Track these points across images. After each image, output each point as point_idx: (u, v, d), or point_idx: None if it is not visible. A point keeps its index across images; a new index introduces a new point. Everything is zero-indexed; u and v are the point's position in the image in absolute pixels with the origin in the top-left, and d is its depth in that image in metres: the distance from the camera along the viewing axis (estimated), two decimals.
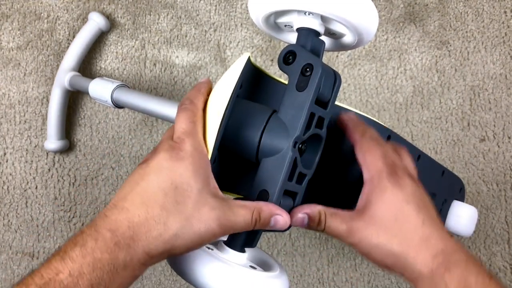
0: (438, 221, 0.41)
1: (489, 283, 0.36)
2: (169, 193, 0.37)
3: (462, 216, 0.71)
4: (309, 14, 0.44)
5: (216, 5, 0.91)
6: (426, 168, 0.64)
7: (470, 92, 0.90)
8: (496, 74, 0.90)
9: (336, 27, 0.46)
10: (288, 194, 0.44)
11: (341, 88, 0.90)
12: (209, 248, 0.45)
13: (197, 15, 0.91)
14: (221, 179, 0.49)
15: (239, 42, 0.91)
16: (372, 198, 0.41)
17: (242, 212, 0.39)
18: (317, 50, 0.45)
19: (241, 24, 0.91)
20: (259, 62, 0.90)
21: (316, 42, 0.45)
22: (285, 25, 0.48)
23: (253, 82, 0.49)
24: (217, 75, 0.90)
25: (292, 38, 0.51)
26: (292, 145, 0.43)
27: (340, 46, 0.50)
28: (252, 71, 0.48)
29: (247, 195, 0.44)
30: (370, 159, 0.43)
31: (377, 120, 0.54)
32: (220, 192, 0.41)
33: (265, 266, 0.49)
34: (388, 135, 0.55)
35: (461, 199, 0.76)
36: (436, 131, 0.90)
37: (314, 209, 0.43)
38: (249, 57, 0.46)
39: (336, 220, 0.41)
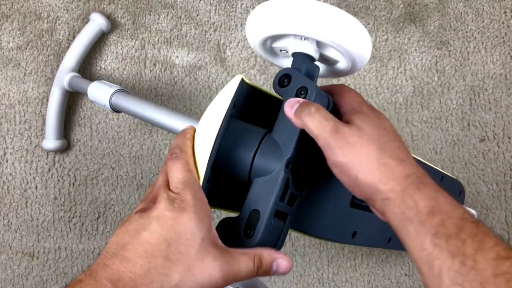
0: (410, 154, 0.42)
1: (458, 205, 0.36)
2: (173, 244, 0.36)
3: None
4: (305, 39, 0.45)
5: (216, 5, 0.91)
6: None
7: (470, 92, 0.90)
8: (496, 74, 0.90)
9: (331, 53, 0.47)
10: (279, 215, 0.44)
11: None
12: None
13: (197, 15, 0.91)
14: (214, 195, 0.50)
15: (239, 42, 0.91)
16: (356, 116, 0.41)
17: (244, 261, 0.39)
18: (311, 74, 0.46)
19: (241, 24, 0.91)
20: (259, 62, 0.90)
21: (311, 66, 0.46)
22: (281, 50, 0.49)
23: (248, 101, 0.49)
24: (217, 75, 0.90)
25: (287, 63, 0.52)
26: (285, 166, 0.43)
27: (333, 72, 0.51)
28: (246, 90, 0.48)
29: (239, 213, 0.44)
30: (350, 95, 0.44)
31: None
32: (219, 240, 0.40)
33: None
34: None
35: (461, 202, 0.76)
36: (436, 131, 0.90)
37: (307, 101, 0.42)
38: (242, 78, 0.46)
39: (323, 115, 0.41)
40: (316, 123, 0.40)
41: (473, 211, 0.73)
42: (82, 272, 0.36)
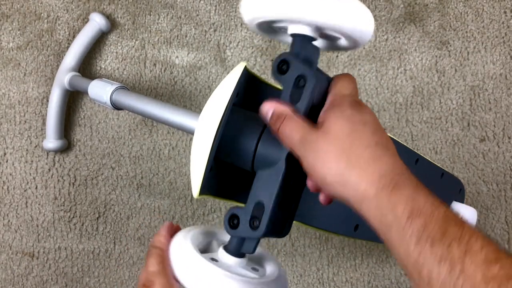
0: (392, 148, 0.39)
1: (439, 204, 0.34)
2: None
3: (462, 217, 0.71)
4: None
5: (216, 5, 0.91)
6: (424, 171, 0.64)
7: (470, 92, 0.90)
8: (496, 74, 0.90)
9: (331, 32, 0.46)
10: (284, 206, 0.45)
11: None
12: (213, 259, 0.46)
13: (197, 15, 0.91)
14: (220, 187, 0.50)
15: (239, 42, 0.91)
16: (330, 114, 0.40)
17: None
18: (310, 58, 0.44)
19: (241, 24, 0.91)
20: (259, 62, 0.90)
21: (310, 49, 0.44)
22: (280, 28, 0.47)
23: (250, 89, 0.49)
24: (217, 75, 0.90)
25: (288, 38, 0.51)
26: (286, 158, 0.43)
27: (336, 47, 0.50)
28: (249, 79, 0.48)
29: (243, 204, 0.45)
30: (340, 85, 0.43)
31: None
32: None
33: (266, 266, 0.49)
34: None
35: (461, 200, 0.76)
36: (436, 131, 0.90)
37: (281, 107, 0.42)
38: (245, 66, 0.46)
39: (294, 126, 0.40)
40: (286, 135, 0.40)
41: (473, 211, 0.73)
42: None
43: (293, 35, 0.45)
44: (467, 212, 0.72)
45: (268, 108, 0.42)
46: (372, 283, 0.90)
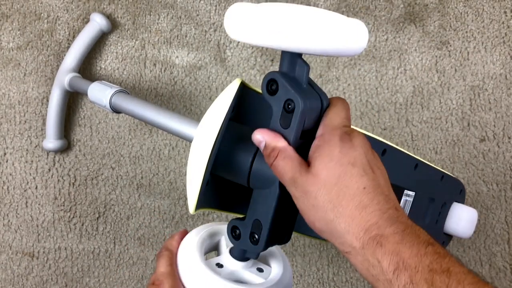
0: (383, 187, 0.38)
1: (424, 253, 0.34)
2: None
3: (462, 218, 0.71)
4: None
5: (216, 5, 0.91)
6: (424, 176, 0.64)
7: (470, 92, 0.90)
8: (496, 74, 0.90)
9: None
10: (281, 222, 0.45)
11: (341, 88, 0.90)
12: (218, 264, 0.48)
13: (197, 15, 0.91)
14: (217, 199, 0.50)
15: (239, 42, 0.91)
16: (319, 154, 0.39)
17: None
18: (300, 76, 0.41)
19: None
20: (259, 62, 0.90)
21: (299, 66, 0.41)
22: None
23: (247, 104, 0.49)
24: (217, 75, 0.90)
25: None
26: (279, 183, 0.42)
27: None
28: (245, 93, 0.48)
29: (243, 218, 0.46)
30: (332, 114, 0.41)
31: (371, 135, 0.54)
32: None
33: (272, 264, 0.50)
34: (384, 149, 0.55)
35: (461, 201, 0.76)
36: (436, 131, 0.90)
37: (274, 141, 0.41)
38: (241, 81, 0.46)
39: (286, 165, 0.39)
40: (279, 171, 0.40)
41: (474, 211, 0.73)
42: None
43: (282, 52, 0.42)
44: (467, 213, 0.72)
45: (260, 139, 0.42)
46: None
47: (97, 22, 0.86)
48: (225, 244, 0.51)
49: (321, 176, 0.38)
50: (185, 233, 0.51)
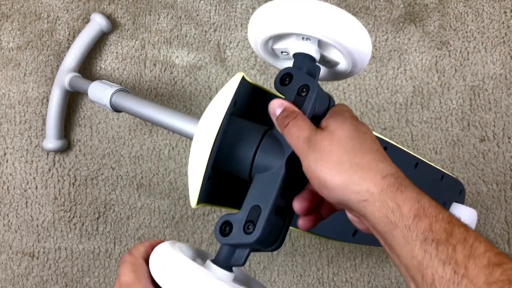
0: (390, 159, 0.40)
1: (442, 208, 0.35)
2: None
3: (462, 218, 0.71)
4: (306, 39, 0.46)
5: (216, 5, 0.91)
6: (424, 175, 0.64)
7: (470, 92, 0.90)
8: (496, 74, 0.90)
9: (332, 54, 0.48)
10: (279, 213, 0.44)
11: (341, 88, 0.90)
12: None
13: (197, 15, 0.91)
14: (218, 195, 0.50)
15: (239, 42, 0.91)
16: (334, 120, 0.41)
17: None
18: (313, 73, 0.46)
19: (241, 24, 0.91)
20: (259, 62, 0.90)
21: (312, 66, 0.46)
22: (282, 52, 0.49)
23: (248, 98, 0.49)
24: (217, 75, 0.90)
25: (287, 65, 0.52)
26: (286, 162, 0.43)
27: (334, 75, 0.51)
28: (247, 88, 0.48)
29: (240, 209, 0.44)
30: (339, 106, 0.44)
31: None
32: None
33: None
34: (384, 147, 0.55)
35: (461, 201, 0.76)
36: (436, 131, 0.90)
37: (293, 107, 0.43)
38: (243, 76, 0.47)
39: (302, 125, 0.41)
40: (293, 132, 0.41)
41: (473, 212, 0.73)
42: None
43: (295, 55, 0.47)
44: (467, 213, 0.72)
45: (278, 105, 0.43)
46: (372, 283, 0.90)
47: (97, 22, 0.86)
48: (202, 263, 0.46)
49: (336, 133, 0.39)
50: (156, 243, 0.47)
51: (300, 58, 0.46)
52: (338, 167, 0.38)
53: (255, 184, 0.44)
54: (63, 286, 0.90)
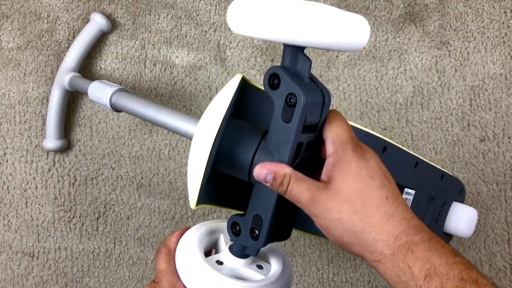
0: (401, 198, 0.40)
1: (453, 262, 0.35)
2: None
3: (462, 218, 0.71)
4: None
5: (216, 5, 0.91)
6: (424, 174, 0.64)
7: (470, 92, 0.90)
8: (496, 74, 0.90)
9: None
10: (282, 217, 0.45)
11: (341, 88, 0.90)
12: (218, 261, 0.48)
13: (197, 15, 0.91)
14: (217, 196, 0.50)
15: (239, 42, 0.91)
16: (337, 171, 0.39)
17: None
18: (302, 71, 0.42)
19: None
20: (259, 62, 0.90)
21: (301, 61, 0.42)
22: None
23: (248, 99, 0.49)
24: (217, 75, 0.90)
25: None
26: None
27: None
28: (246, 89, 0.48)
29: (244, 214, 0.46)
30: (336, 129, 0.42)
31: (371, 132, 0.54)
32: None
33: (271, 261, 0.50)
34: (384, 146, 0.55)
35: (461, 200, 0.76)
36: (436, 131, 0.90)
37: (281, 169, 0.41)
38: (242, 76, 0.46)
39: (301, 186, 0.40)
40: (294, 198, 0.40)
41: (474, 211, 0.73)
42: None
43: (284, 45, 0.43)
44: (467, 212, 0.72)
45: (265, 173, 0.41)
46: (372, 283, 0.90)
47: (97, 22, 0.86)
48: (224, 241, 0.51)
49: (342, 190, 0.39)
50: (186, 230, 0.51)
51: (288, 51, 0.42)
52: (351, 228, 0.38)
53: (255, 195, 0.44)
54: (63, 286, 0.90)
